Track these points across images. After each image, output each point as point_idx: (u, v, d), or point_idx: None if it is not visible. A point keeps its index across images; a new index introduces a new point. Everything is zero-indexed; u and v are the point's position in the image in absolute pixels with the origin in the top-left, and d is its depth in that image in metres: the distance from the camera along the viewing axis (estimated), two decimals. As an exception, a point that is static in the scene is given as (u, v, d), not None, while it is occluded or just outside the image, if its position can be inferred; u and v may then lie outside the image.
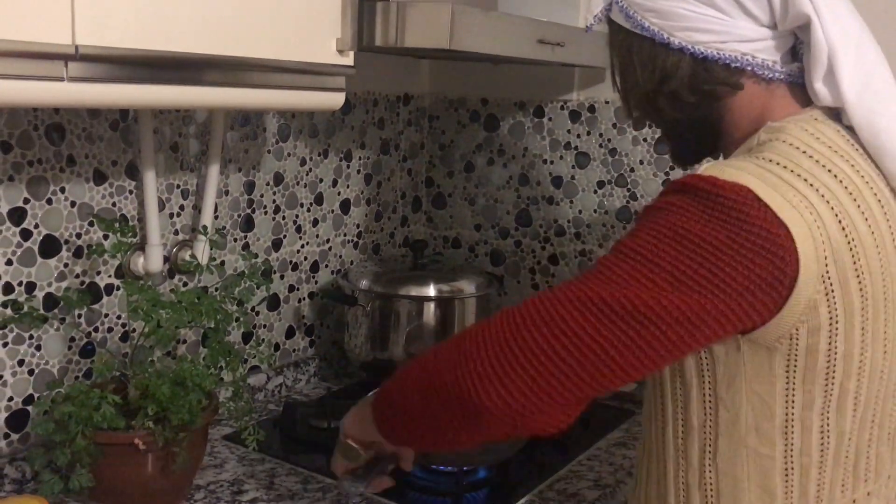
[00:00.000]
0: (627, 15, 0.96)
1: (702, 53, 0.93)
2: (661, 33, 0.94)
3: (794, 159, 0.86)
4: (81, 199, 1.34)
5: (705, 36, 0.92)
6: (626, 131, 1.82)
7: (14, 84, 0.88)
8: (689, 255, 0.80)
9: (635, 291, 0.81)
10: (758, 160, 0.85)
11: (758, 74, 0.94)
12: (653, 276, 0.81)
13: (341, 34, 1.22)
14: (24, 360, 1.29)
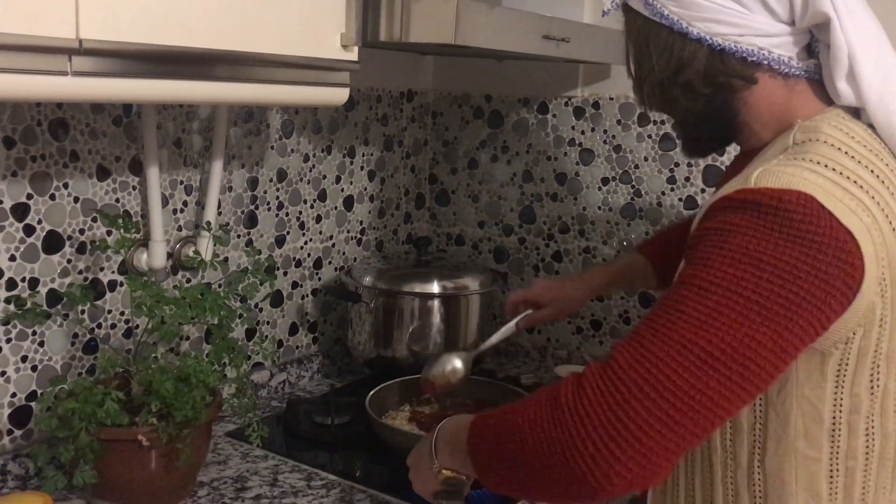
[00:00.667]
0: (646, 2, 0.96)
1: (719, 45, 0.93)
2: (681, 22, 0.93)
3: (840, 161, 0.86)
4: (85, 194, 1.33)
5: (724, 28, 0.92)
6: (630, 128, 1.81)
7: (18, 78, 0.88)
8: (769, 280, 0.79)
9: (728, 331, 0.79)
10: (807, 163, 0.85)
11: (774, 69, 0.94)
12: (739, 310, 0.79)
13: (345, 29, 1.22)
14: (27, 356, 1.29)
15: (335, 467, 1.39)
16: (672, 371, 0.80)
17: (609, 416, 0.80)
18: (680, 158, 1.76)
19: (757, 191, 0.82)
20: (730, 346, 0.79)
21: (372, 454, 1.44)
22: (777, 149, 0.92)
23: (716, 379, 0.79)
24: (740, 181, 0.86)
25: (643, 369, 0.80)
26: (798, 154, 0.88)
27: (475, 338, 1.67)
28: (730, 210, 0.83)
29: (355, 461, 1.42)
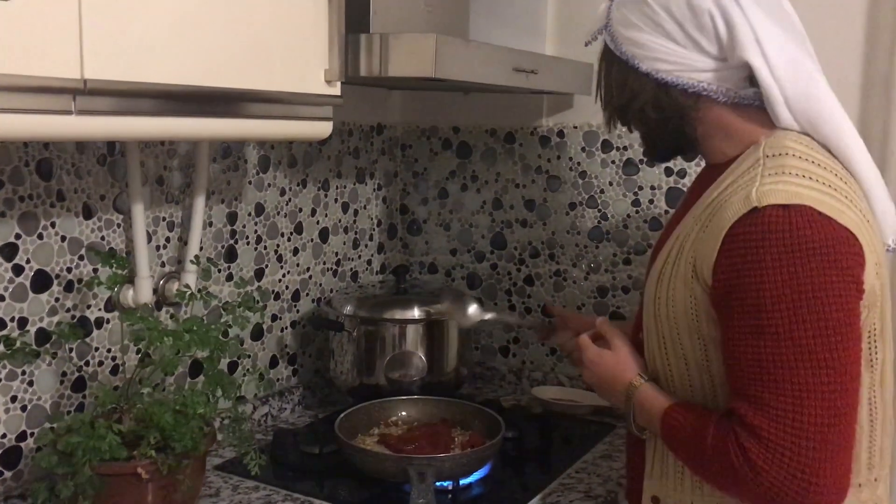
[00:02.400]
0: (613, 39, 1.14)
1: (663, 80, 1.10)
2: (634, 59, 1.12)
3: (812, 171, 1.02)
4: (71, 233, 1.34)
5: (666, 65, 1.10)
6: (594, 154, 1.89)
7: (22, 118, 0.90)
8: (819, 300, 0.96)
9: (825, 357, 0.96)
10: (791, 177, 1.00)
11: (713, 99, 1.10)
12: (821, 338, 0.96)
13: (329, 65, 1.26)
14: (16, 396, 1.29)
15: (327, 494, 1.41)
16: (810, 415, 0.96)
17: (792, 477, 0.96)
18: (644, 182, 1.84)
19: (765, 214, 0.97)
20: (832, 369, 0.96)
21: (362, 480, 1.46)
22: (749, 162, 1.06)
23: (840, 397, 0.97)
24: (740, 201, 1.00)
25: (789, 423, 0.96)
26: (775, 167, 1.02)
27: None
28: (751, 250, 0.98)
29: (346, 488, 1.44)
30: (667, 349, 1.12)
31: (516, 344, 2.02)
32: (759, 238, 0.97)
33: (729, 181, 1.07)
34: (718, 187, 1.08)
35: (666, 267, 1.10)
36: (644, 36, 1.10)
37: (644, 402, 1.14)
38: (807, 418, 0.96)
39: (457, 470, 1.39)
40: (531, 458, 1.60)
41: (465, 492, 1.42)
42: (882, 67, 1.57)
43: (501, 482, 1.49)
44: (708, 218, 1.05)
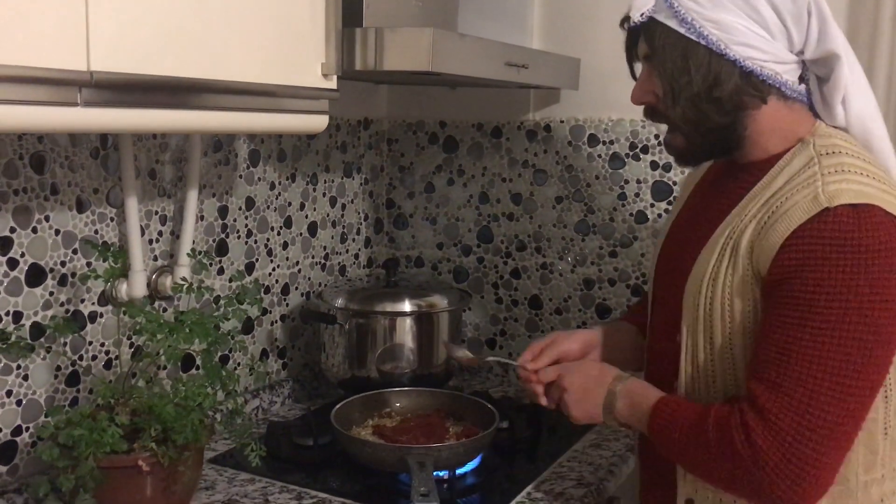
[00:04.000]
0: (684, 20, 1.06)
1: (749, 68, 1.06)
2: (719, 43, 1.05)
3: (866, 168, 1.04)
4: (65, 227, 1.34)
5: (755, 52, 1.06)
6: (581, 149, 1.91)
7: (28, 109, 0.90)
8: (870, 308, 0.97)
9: (852, 363, 0.98)
10: (854, 175, 1.02)
11: (783, 92, 1.09)
12: (855, 343, 0.98)
13: (326, 59, 1.27)
14: (11, 390, 1.28)
15: (323, 485, 1.42)
16: (822, 410, 0.98)
17: (787, 463, 0.98)
18: (629, 176, 1.86)
19: (836, 214, 0.99)
20: (859, 374, 0.98)
21: (357, 471, 1.47)
22: (801, 160, 1.07)
23: (855, 402, 0.99)
24: (808, 202, 1.01)
25: (798, 414, 0.98)
26: (833, 166, 1.04)
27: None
28: (818, 247, 0.99)
29: (341, 479, 1.45)
30: (712, 349, 1.10)
31: (503, 336, 2.05)
32: (828, 237, 0.98)
33: (783, 179, 1.06)
34: (770, 185, 1.07)
35: (714, 266, 1.08)
36: (734, 19, 1.04)
37: (632, 394, 1.15)
38: (818, 412, 0.98)
39: (453, 459, 1.41)
40: (523, 448, 1.62)
41: (460, 481, 1.44)
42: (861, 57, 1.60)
43: (494, 472, 1.51)
44: (768, 217, 1.04)
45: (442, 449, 1.39)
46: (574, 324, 1.96)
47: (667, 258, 1.26)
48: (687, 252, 1.16)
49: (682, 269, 1.16)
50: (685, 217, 1.26)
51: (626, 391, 1.16)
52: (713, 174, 1.25)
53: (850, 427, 1.00)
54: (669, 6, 1.07)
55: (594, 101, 1.87)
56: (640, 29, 1.12)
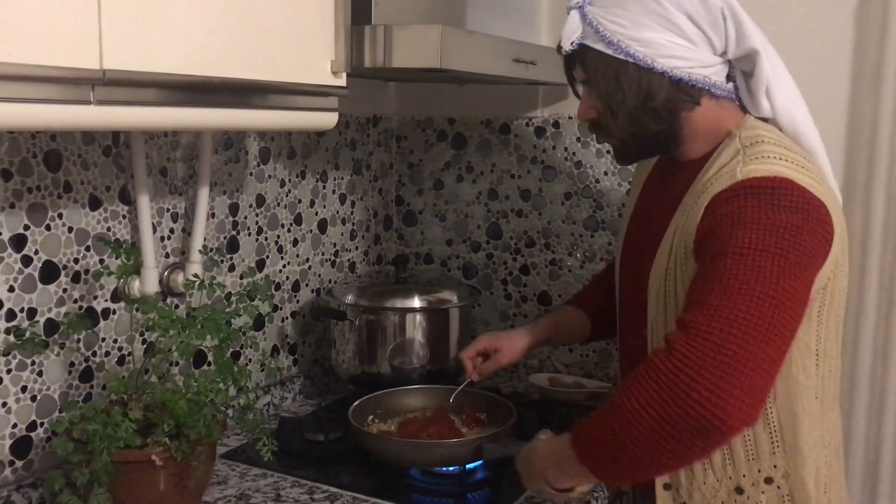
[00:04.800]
0: (611, 42, 1.13)
1: (678, 77, 1.13)
2: (646, 59, 1.12)
3: (785, 154, 1.10)
4: (78, 224, 1.35)
5: (680, 62, 1.13)
6: (589, 145, 1.91)
7: (41, 108, 0.91)
8: (784, 238, 1.00)
9: (777, 280, 0.99)
10: (770, 159, 1.08)
11: (712, 93, 1.16)
12: (778, 263, 0.99)
13: (335, 56, 1.28)
14: (26, 386, 1.29)
15: (335, 480, 1.43)
16: (750, 317, 0.96)
17: (711, 361, 0.94)
18: (638, 171, 1.86)
19: (749, 180, 1.05)
20: (783, 290, 0.98)
21: (368, 466, 1.48)
22: (729, 152, 1.13)
23: (783, 316, 0.98)
24: (726, 180, 1.06)
25: (725, 322, 0.96)
26: (755, 154, 1.09)
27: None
28: (732, 199, 1.03)
29: (353, 473, 1.46)
30: None
31: (512, 332, 2.05)
32: (742, 191, 1.04)
33: (711, 172, 1.12)
34: (700, 179, 1.14)
35: (671, 262, 1.14)
36: (656, 35, 1.11)
37: (546, 453, 1.17)
38: (741, 315, 0.96)
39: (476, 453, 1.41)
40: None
41: (470, 476, 1.44)
42: (871, 58, 1.60)
43: (503, 468, 1.51)
44: (693, 204, 1.11)
45: (464, 444, 1.39)
46: (583, 319, 1.96)
47: (628, 255, 1.32)
48: (645, 250, 1.23)
49: (643, 267, 1.22)
50: (640, 214, 1.33)
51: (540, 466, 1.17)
52: (659, 171, 1.30)
53: (781, 344, 0.98)
54: (595, 31, 1.14)
55: (603, 97, 1.87)
56: (574, 56, 1.20)
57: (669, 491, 1.21)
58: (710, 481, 1.17)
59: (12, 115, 0.88)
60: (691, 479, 1.18)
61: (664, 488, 1.20)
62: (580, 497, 1.19)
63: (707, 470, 1.17)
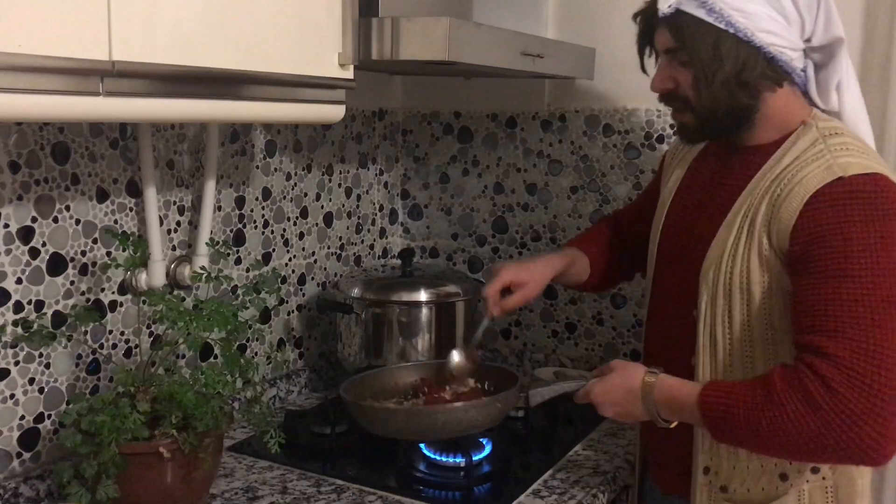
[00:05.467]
0: (713, 10, 1.13)
1: (771, 54, 1.13)
2: (746, 31, 1.12)
3: (867, 149, 1.14)
4: (85, 216, 1.35)
5: (776, 39, 1.13)
6: (596, 138, 1.91)
7: (51, 99, 0.91)
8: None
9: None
10: (858, 152, 1.11)
11: (792, 78, 1.17)
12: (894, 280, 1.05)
13: (342, 49, 1.28)
14: (34, 378, 1.29)
15: (342, 472, 1.43)
16: (885, 343, 1.02)
17: (871, 408, 1.01)
18: (645, 166, 1.86)
19: (851, 181, 1.06)
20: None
21: (375, 459, 1.49)
22: (806, 141, 1.15)
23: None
24: (822, 172, 1.09)
25: (869, 355, 1.02)
26: (840, 145, 1.12)
27: (464, 334, 1.74)
28: (839, 206, 1.06)
29: (359, 466, 1.46)
30: (731, 323, 1.16)
31: (518, 326, 2.05)
32: (847, 197, 1.05)
33: (790, 158, 1.14)
34: (779, 163, 1.15)
35: (738, 243, 1.15)
36: (758, 8, 1.12)
37: (666, 395, 1.17)
38: (884, 350, 1.02)
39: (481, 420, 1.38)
40: (537, 438, 1.63)
41: (476, 469, 1.44)
42: (880, 51, 1.60)
43: (510, 460, 1.51)
44: (780, 191, 1.12)
45: (470, 408, 1.37)
46: (589, 314, 1.96)
47: (673, 237, 1.31)
48: (700, 231, 1.23)
49: (696, 247, 1.22)
50: (687, 198, 1.31)
51: (661, 398, 1.18)
52: (712, 156, 1.29)
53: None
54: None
55: (609, 90, 1.87)
56: (664, 21, 1.17)
57: (708, 475, 1.22)
58: (755, 466, 1.19)
59: (22, 106, 0.89)
60: (734, 463, 1.20)
61: (704, 472, 1.22)
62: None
63: (752, 454, 1.18)
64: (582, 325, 1.97)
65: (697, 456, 1.22)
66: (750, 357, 1.16)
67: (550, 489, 1.39)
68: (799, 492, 1.18)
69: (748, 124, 1.19)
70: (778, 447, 1.09)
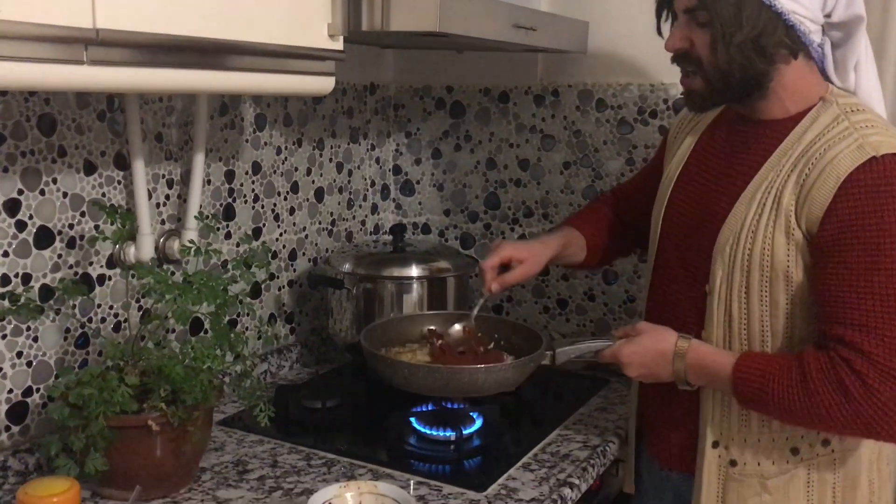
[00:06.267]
0: None
1: (791, 22, 1.13)
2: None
3: (890, 126, 1.14)
4: (73, 189, 1.34)
5: (799, 7, 1.12)
6: (588, 113, 1.90)
7: (34, 67, 0.89)
8: None
9: None
10: (885, 130, 1.11)
11: (809, 51, 1.16)
12: None
13: (332, 19, 1.26)
14: (22, 351, 1.29)
15: (331, 446, 1.43)
16: None
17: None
18: (637, 141, 1.85)
19: (883, 161, 1.06)
20: None
21: (366, 432, 1.49)
22: (828, 117, 1.14)
23: None
24: (854, 152, 1.09)
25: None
26: (864, 122, 1.12)
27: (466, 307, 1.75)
28: (873, 193, 1.06)
29: (350, 440, 1.46)
30: (748, 296, 1.17)
31: (510, 302, 2.05)
32: (882, 184, 1.05)
33: (813, 134, 1.14)
34: (801, 140, 1.15)
35: (759, 219, 1.15)
36: None
37: (698, 361, 1.19)
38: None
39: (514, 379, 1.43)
40: (528, 412, 1.63)
41: (466, 442, 1.44)
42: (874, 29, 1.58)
43: (501, 435, 1.52)
44: (809, 170, 1.11)
45: (500, 370, 1.40)
46: (580, 289, 1.96)
47: (682, 211, 1.30)
48: (713, 206, 1.22)
49: (709, 222, 1.22)
50: (697, 172, 1.29)
51: (694, 364, 1.20)
52: (725, 131, 1.27)
53: None
54: None
55: (602, 65, 1.86)
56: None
57: (717, 448, 1.23)
58: (766, 440, 1.20)
59: (4, 74, 0.87)
60: (745, 436, 1.21)
61: (713, 446, 1.22)
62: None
63: (764, 427, 1.19)
64: (573, 300, 1.97)
65: (706, 429, 1.23)
66: (770, 332, 1.17)
67: (540, 463, 1.40)
68: (809, 465, 1.20)
69: (760, 93, 1.18)
70: (807, 424, 1.15)
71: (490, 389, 1.42)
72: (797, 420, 1.14)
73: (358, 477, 1.32)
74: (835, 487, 1.19)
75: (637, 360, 1.24)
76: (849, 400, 1.07)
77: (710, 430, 1.22)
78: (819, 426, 1.14)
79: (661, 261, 1.34)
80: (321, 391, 1.56)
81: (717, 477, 1.23)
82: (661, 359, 1.21)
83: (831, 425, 1.12)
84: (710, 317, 1.20)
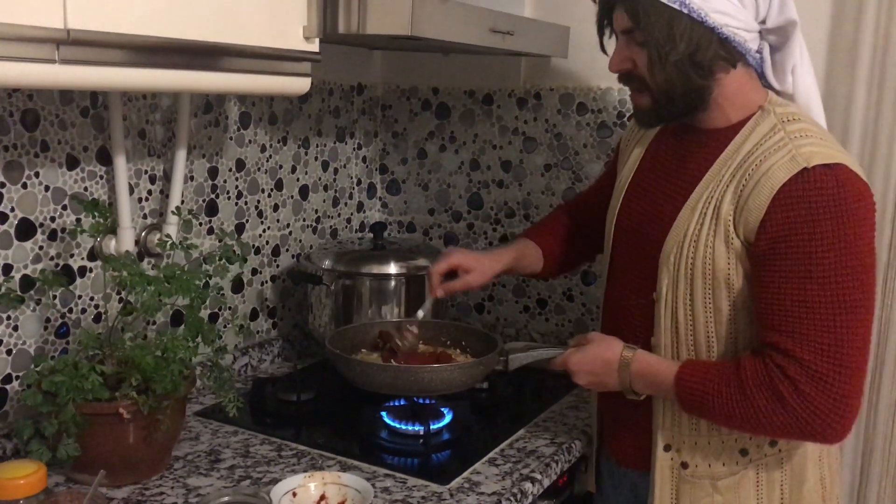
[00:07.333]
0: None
1: (724, 35, 1.14)
2: (700, 12, 1.13)
3: (825, 135, 1.17)
4: (55, 183, 1.38)
5: (730, 20, 1.14)
6: (570, 117, 1.93)
7: (6, 65, 0.93)
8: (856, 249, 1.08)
9: (865, 296, 1.10)
10: (818, 140, 1.13)
11: (747, 60, 1.18)
12: (858, 277, 1.09)
13: (307, 21, 1.29)
14: (1, 340, 1.33)
15: (304, 438, 1.47)
16: (846, 345, 1.08)
17: (836, 409, 1.09)
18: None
19: (814, 173, 1.09)
20: (860, 305, 1.09)
21: (338, 426, 1.52)
22: (766, 125, 1.17)
23: (864, 329, 1.10)
24: (787, 163, 1.11)
25: (831, 356, 1.08)
26: (799, 132, 1.14)
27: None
28: (804, 203, 1.09)
29: (322, 433, 1.50)
30: (692, 304, 1.19)
31: (490, 301, 2.08)
32: (813, 195, 1.08)
33: (751, 144, 1.16)
34: (740, 150, 1.17)
35: (701, 228, 1.17)
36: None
37: (643, 370, 1.22)
38: (845, 351, 1.08)
39: (463, 380, 1.46)
40: (501, 409, 1.66)
41: (435, 437, 1.48)
42: (848, 31, 1.61)
43: (471, 429, 1.55)
44: (745, 180, 1.14)
45: (447, 370, 1.44)
46: (560, 290, 1.99)
47: (631, 218, 1.33)
48: (660, 213, 1.25)
49: (656, 229, 1.24)
50: (646, 180, 1.32)
51: (638, 373, 1.23)
52: (672, 140, 1.30)
53: (866, 352, 1.11)
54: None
55: (583, 69, 1.89)
56: (621, 1, 1.19)
57: (669, 452, 1.25)
58: (715, 443, 1.23)
59: (-26, 71, 0.90)
60: (696, 440, 1.24)
61: (664, 450, 1.25)
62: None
63: (713, 431, 1.22)
64: (553, 300, 2.00)
65: (657, 433, 1.26)
66: (715, 338, 1.20)
67: (506, 458, 1.43)
68: (758, 466, 1.22)
69: (703, 106, 1.20)
70: (747, 429, 1.18)
71: (438, 389, 1.45)
72: (738, 425, 1.17)
73: (326, 468, 1.35)
74: (782, 485, 1.22)
75: (585, 368, 1.27)
76: (784, 405, 1.10)
77: (662, 435, 1.25)
78: (759, 431, 1.17)
79: (614, 268, 1.37)
80: (297, 385, 1.60)
81: (671, 479, 1.25)
82: (607, 368, 1.24)
83: (770, 430, 1.15)
84: (657, 323, 1.23)
